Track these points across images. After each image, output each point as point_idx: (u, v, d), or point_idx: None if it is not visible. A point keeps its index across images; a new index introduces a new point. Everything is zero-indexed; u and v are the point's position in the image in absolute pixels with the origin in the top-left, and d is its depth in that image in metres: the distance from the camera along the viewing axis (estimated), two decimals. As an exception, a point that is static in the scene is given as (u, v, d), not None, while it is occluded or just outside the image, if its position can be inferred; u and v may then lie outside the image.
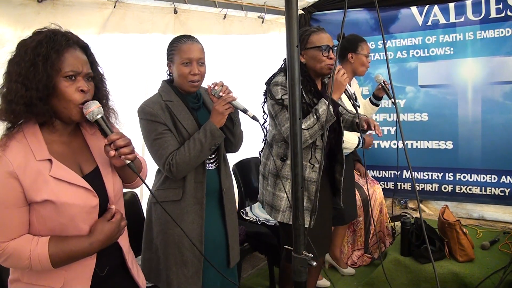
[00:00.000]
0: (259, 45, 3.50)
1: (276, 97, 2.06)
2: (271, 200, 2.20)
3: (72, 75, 1.15)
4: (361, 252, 3.28)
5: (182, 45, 1.80)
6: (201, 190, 1.84)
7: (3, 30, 1.94)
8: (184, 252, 1.83)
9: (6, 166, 1.10)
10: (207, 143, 1.75)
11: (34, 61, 1.11)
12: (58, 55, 1.13)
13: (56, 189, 1.15)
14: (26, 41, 1.15)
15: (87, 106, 1.18)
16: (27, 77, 1.10)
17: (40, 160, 1.14)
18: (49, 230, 1.17)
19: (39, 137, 1.16)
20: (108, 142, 1.20)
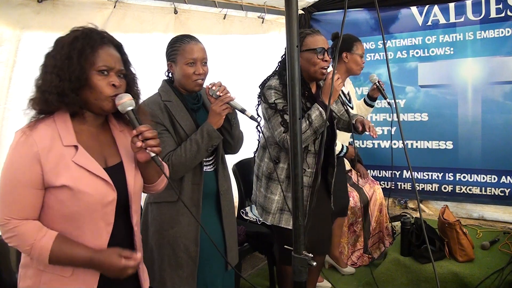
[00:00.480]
0: (259, 45, 3.50)
1: (269, 101, 2.04)
2: (262, 202, 2.20)
3: (104, 69, 1.21)
4: (361, 252, 3.28)
5: (185, 46, 1.79)
6: (197, 192, 1.83)
7: (3, 29, 1.95)
8: (178, 254, 1.82)
9: (31, 147, 1.14)
10: (204, 144, 1.75)
11: (69, 54, 1.17)
12: (92, 50, 1.19)
13: (76, 176, 1.17)
14: (63, 38, 1.21)
15: (120, 97, 1.23)
16: (61, 69, 1.16)
17: (67, 145, 1.18)
18: (63, 217, 1.19)
19: (69, 124, 1.21)
20: (136, 133, 1.23)
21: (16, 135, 1.18)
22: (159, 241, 1.84)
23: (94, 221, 1.21)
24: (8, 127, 2.04)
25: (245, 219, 3.00)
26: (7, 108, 2.02)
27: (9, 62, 1.99)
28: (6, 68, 1.99)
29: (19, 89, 2.04)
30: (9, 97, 2.01)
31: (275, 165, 2.13)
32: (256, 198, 2.29)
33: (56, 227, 1.19)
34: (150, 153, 1.25)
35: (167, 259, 1.83)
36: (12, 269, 1.86)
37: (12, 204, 1.16)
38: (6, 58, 1.98)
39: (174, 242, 1.82)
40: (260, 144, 2.25)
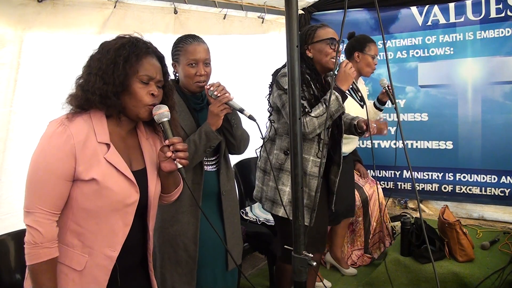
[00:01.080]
0: (259, 45, 3.50)
1: (285, 87, 2.03)
2: (272, 195, 2.18)
3: (146, 79, 1.26)
4: (361, 252, 3.28)
5: (187, 46, 1.79)
6: (197, 191, 1.83)
7: (4, 30, 1.94)
8: (178, 252, 1.83)
9: (68, 139, 1.18)
10: (202, 145, 1.74)
11: (115, 60, 1.22)
12: (137, 59, 1.24)
13: (105, 172, 1.21)
14: (109, 42, 1.27)
15: (158, 108, 1.29)
16: (106, 72, 1.21)
17: (100, 142, 1.22)
18: (84, 211, 1.22)
19: (104, 123, 1.25)
20: (168, 143, 1.28)
21: (51, 125, 1.21)
22: (160, 238, 1.85)
23: (114, 219, 1.25)
24: (15, 130, 2.03)
25: (245, 219, 3.00)
26: (13, 111, 2.01)
27: (13, 64, 1.98)
28: (11, 70, 1.98)
29: (24, 91, 2.04)
30: (14, 100, 2.00)
31: (286, 156, 2.13)
32: (262, 194, 2.27)
33: (76, 219, 1.23)
34: (178, 164, 1.29)
35: (167, 257, 1.84)
36: (12, 269, 1.86)
37: (43, 194, 1.18)
38: (10, 60, 1.98)
39: (173, 240, 1.82)
40: (268, 137, 2.24)
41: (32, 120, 2.07)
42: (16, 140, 2.04)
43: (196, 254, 1.83)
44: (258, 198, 2.32)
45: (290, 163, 2.05)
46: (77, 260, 1.23)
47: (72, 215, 1.23)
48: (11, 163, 2.04)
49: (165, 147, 1.29)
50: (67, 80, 2.21)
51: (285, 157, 2.14)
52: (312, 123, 2.01)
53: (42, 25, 2.08)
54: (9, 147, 2.02)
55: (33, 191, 1.19)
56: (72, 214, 1.23)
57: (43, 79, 2.11)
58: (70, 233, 1.23)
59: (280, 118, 2.17)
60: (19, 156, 2.05)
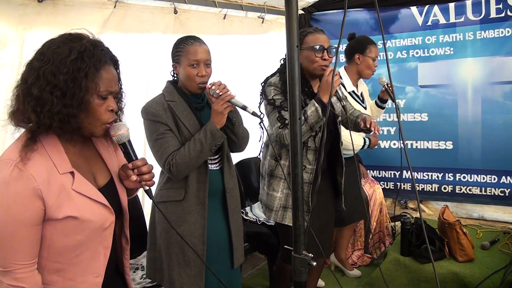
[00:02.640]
0: (259, 45, 3.50)
1: (268, 97, 2.08)
2: (266, 200, 2.23)
3: (105, 94, 1.11)
4: (361, 252, 3.28)
5: (189, 47, 1.80)
6: (203, 190, 1.84)
7: (5, 30, 1.95)
8: (186, 252, 1.83)
9: (30, 182, 1.03)
10: (207, 143, 1.75)
11: (74, 76, 1.05)
12: (97, 71, 1.08)
13: (79, 205, 1.11)
14: (60, 49, 1.06)
15: (117, 128, 1.16)
16: (65, 93, 1.04)
17: (63, 173, 1.09)
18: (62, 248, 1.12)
19: (60, 149, 1.11)
20: (132, 167, 1.20)
21: (2, 168, 1.03)
22: (167, 240, 1.85)
23: (94, 246, 1.17)
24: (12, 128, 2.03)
25: (245, 219, 3.00)
26: None
27: (14, 63, 1.99)
28: (12, 70, 1.99)
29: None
30: None
31: (276, 163, 2.15)
32: (261, 197, 2.32)
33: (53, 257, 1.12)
34: (145, 186, 1.23)
35: (175, 258, 1.84)
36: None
37: (17, 249, 1.05)
38: (11, 60, 1.98)
39: (181, 240, 1.82)
40: (264, 142, 2.27)
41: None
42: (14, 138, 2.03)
43: (205, 254, 1.84)
44: (260, 200, 2.36)
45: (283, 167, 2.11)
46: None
47: (47, 254, 1.11)
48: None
49: (129, 171, 1.21)
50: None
51: (275, 163, 2.16)
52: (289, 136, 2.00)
53: (42, 25, 2.08)
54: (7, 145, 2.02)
55: (3, 248, 1.05)
56: (48, 253, 1.11)
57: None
58: (47, 272, 1.12)
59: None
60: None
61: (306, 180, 2.14)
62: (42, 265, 1.11)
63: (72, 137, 1.13)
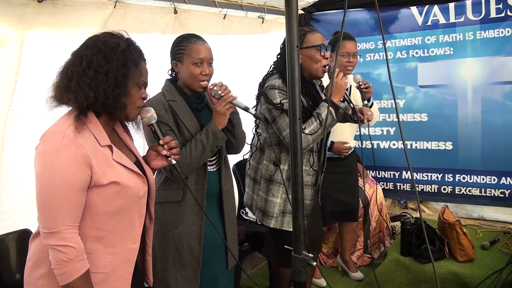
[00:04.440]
0: (259, 45, 3.50)
1: (274, 101, 2.00)
2: (263, 206, 2.16)
3: (142, 84, 1.29)
4: (361, 252, 3.28)
5: (192, 45, 1.79)
6: (201, 192, 1.83)
7: (5, 30, 1.95)
8: (182, 253, 1.82)
9: (79, 149, 1.16)
10: (209, 144, 1.75)
11: (125, 62, 1.21)
12: (139, 62, 1.26)
13: (120, 172, 1.25)
14: (110, 40, 1.22)
15: (147, 111, 1.36)
16: (117, 76, 1.20)
17: (104, 145, 1.23)
18: (104, 214, 1.23)
19: (99, 126, 1.25)
20: (163, 143, 1.39)
21: (52, 138, 1.15)
22: (163, 241, 1.84)
23: (131, 213, 1.29)
24: (12, 129, 2.03)
25: (245, 219, 3.00)
26: (12, 110, 2.02)
27: (14, 63, 1.99)
28: (11, 70, 1.98)
29: (24, 91, 2.04)
30: (14, 99, 2.01)
31: (276, 167, 2.10)
32: (252, 202, 2.24)
33: (96, 224, 1.22)
34: (172, 160, 1.38)
35: (171, 259, 1.83)
36: (12, 269, 1.86)
37: (66, 210, 1.15)
38: (11, 60, 1.98)
39: (178, 242, 1.82)
40: (256, 147, 2.21)
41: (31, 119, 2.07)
42: (15, 138, 2.04)
43: (200, 255, 1.83)
44: (249, 206, 2.29)
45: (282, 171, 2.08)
46: (102, 264, 1.24)
47: (90, 221, 1.21)
48: (10, 162, 2.04)
49: (159, 147, 1.37)
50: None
51: (275, 168, 2.10)
52: (306, 140, 1.97)
53: (42, 25, 2.08)
54: (7, 145, 2.02)
55: (52, 209, 1.15)
56: (91, 221, 1.21)
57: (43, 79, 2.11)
58: (90, 240, 1.22)
59: (268, 129, 2.11)
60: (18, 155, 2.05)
61: (309, 183, 2.12)
62: (85, 233, 1.21)
63: (110, 119, 1.29)
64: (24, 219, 2.06)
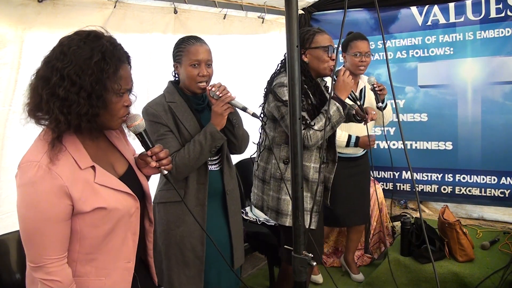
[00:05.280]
0: (259, 45, 3.50)
1: (284, 98, 2.02)
2: (275, 205, 2.16)
3: (123, 91, 1.16)
4: (361, 252, 3.28)
5: (190, 47, 1.80)
6: (203, 191, 1.84)
7: (5, 30, 1.94)
8: (185, 253, 1.83)
9: (55, 180, 1.07)
10: (207, 145, 1.75)
11: (98, 77, 1.08)
12: (117, 71, 1.12)
13: (104, 196, 1.16)
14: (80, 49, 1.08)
15: (133, 119, 1.23)
16: (90, 94, 1.08)
17: (85, 168, 1.14)
18: (93, 238, 1.16)
19: (79, 146, 1.15)
20: (150, 154, 1.27)
21: (26, 170, 1.08)
22: (166, 240, 1.85)
23: (123, 233, 1.22)
24: (12, 129, 2.03)
25: (245, 219, 3.00)
26: (12, 110, 2.01)
27: (14, 64, 1.98)
28: (12, 70, 1.98)
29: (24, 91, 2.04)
30: (14, 99, 2.01)
31: (286, 166, 2.11)
32: (263, 203, 2.24)
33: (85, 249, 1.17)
34: (164, 171, 1.30)
35: (174, 259, 1.84)
36: (12, 269, 1.86)
37: (48, 244, 1.10)
38: (11, 60, 1.97)
39: (180, 241, 1.83)
40: (264, 146, 2.21)
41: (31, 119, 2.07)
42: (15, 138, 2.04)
43: (204, 254, 1.84)
44: (260, 207, 2.29)
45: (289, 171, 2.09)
46: (94, 287, 1.19)
47: (79, 247, 1.16)
48: (9, 161, 2.04)
49: (147, 157, 1.28)
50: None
51: (285, 166, 2.11)
52: (315, 136, 2.00)
53: (42, 25, 2.08)
54: (7, 145, 2.02)
55: (34, 245, 1.10)
56: (80, 246, 1.16)
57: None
58: (80, 264, 1.18)
59: (276, 127, 2.14)
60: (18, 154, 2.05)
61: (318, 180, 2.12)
62: (74, 258, 1.16)
63: (92, 133, 1.18)
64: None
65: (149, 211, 1.38)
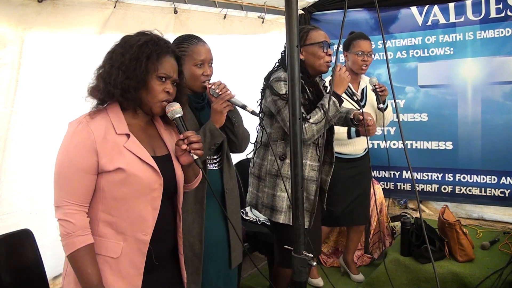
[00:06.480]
0: (259, 45, 3.50)
1: (281, 92, 2.03)
2: (270, 202, 2.15)
3: (164, 77, 1.35)
4: (361, 252, 3.28)
5: (193, 47, 1.80)
6: (201, 190, 1.83)
7: (5, 30, 1.94)
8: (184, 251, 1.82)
9: (88, 135, 1.26)
10: (207, 142, 1.75)
11: (138, 56, 1.29)
12: (158, 57, 1.33)
13: (128, 160, 1.29)
14: (133, 38, 1.34)
15: (171, 105, 1.38)
16: (129, 68, 1.29)
17: (120, 134, 1.30)
18: (113, 199, 1.29)
19: (121, 116, 1.34)
20: (183, 137, 1.37)
21: (71, 125, 1.28)
22: None
23: (143, 204, 1.31)
24: (15, 130, 2.03)
25: (245, 219, 3.00)
26: (14, 111, 2.01)
27: (14, 64, 1.98)
28: (12, 70, 1.98)
29: (25, 92, 2.03)
30: (16, 100, 2.01)
31: (282, 162, 2.12)
32: (258, 200, 2.23)
33: (107, 209, 1.29)
34: (193, 155, 1.37)
35: None
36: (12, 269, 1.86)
37: (70, 189, 1.26)
38: (11, 60, 1.97)
39: None
40: (261, 142, 2.22)
41: (33, 120, 2.07)
42: (17, 140, 2.04)
43: (202, 252, 1.83)
44: (253, 205, 2.28)
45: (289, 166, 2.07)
46: (112, 249, 1.29)
47: (102, 205, 1.29)
48: (11, 163, 2.04)
49: (179, 141, 1.37)
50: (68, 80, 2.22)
51: (281, 162, 2.11)
52: (311, 129, 2.01)
53: (42, 25, 2.08)
54: (9, 147, 2.02)
55: (60, 187, 1.27)
56: (102, 204, 1.29)
57: (44, 79, 2.11)
58: (102, 224, 1.30)
59: (273, 123, 2.14)
60: (19, 156, 2.05)
61: (314, 178, 2.13)
62: (98, 216, 1.30)
63: (136, 113, 1.38)
64: (25, 219, 2.06)
65: (178, 205, 1.46)
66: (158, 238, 1.35)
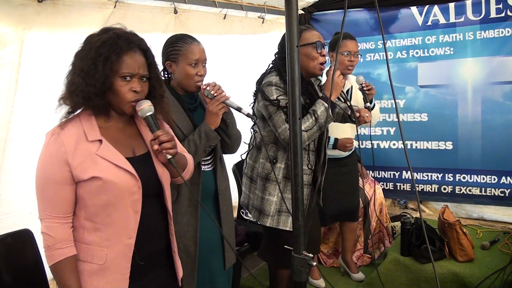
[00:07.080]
0: (259, 45, 3.50)
1: (271, 98, 2.00)
2: (259, 205, 2.15)
3: (127, 76, 1.28)
4: (361, 252, 3.28)
5: (188, 46, 1.80)
6: (196, 192, 1.83)
7: (4, 30, 1.94)
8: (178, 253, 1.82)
9: (59, 147, 1.24)
10: (202, 144, 1.75)
11: (95, 60, 1.24)
12: (117, 57, 1.25)
13: (102, 167, 1.26)
14: (92, 39, 1.28)
15: (139, 104, 1.32)
16: (87, 74, 1.24)
17: (92, 140, 1.27)
18: (94, 206, 1.28)
19: (93, 122, 1.30)
20: (153, 137, 1.33)
21: (46, 136, 1.27)
22: None
23: (123, 208, 1.29)
24: (15, 130, 2.03)
25: (245, 219, 3.00)
26: (14, 111, 2.01)
27: (14, 64, 1.98)
28: (12, 70, 1.98)
29: (25, 92, 2.03)
30: (16, 100, 2.01)
31: (273, 166, 2.10)
32: (249, 201, 2.23)
33: (89, 216, 1.28)
34: (167, 155, 1.33)
35: None
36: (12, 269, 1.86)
37: (49, 201, 1.26)
38: (11, 60, 1.97)
39: None
40: (254, 145, 2.21)
41: (32, 120, 2.07)
42: (17, 140, 2.04)
43: (196, 254, 1.83)
44: (245, 205, 2.28)
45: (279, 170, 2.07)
46: (97, 255, 1.29)
47: (84, 213, 1.29)
48: (11, 163, 2.04)
49: (151, 141, 1.33)
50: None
51: (271, 166, 2.10)
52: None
53: (42, 25, 2.08)
54: (9, 147, 2.02)
55: (40, 200, 1.28)
56: (84, 212, 1.29)
57: (44, 79, 2.11)
58: (87, 231, 1.29)
59: (265, 127, 2.12)
60: (19, 156, 2.05)
61: (305, 182, 2.10)
62: (82, 224, 1.30)
63: (110, 116, 1.33)
64: (25, 220, 2.06)
65: (166, 203, 1.43)
66: (145, 240, 1.34)
